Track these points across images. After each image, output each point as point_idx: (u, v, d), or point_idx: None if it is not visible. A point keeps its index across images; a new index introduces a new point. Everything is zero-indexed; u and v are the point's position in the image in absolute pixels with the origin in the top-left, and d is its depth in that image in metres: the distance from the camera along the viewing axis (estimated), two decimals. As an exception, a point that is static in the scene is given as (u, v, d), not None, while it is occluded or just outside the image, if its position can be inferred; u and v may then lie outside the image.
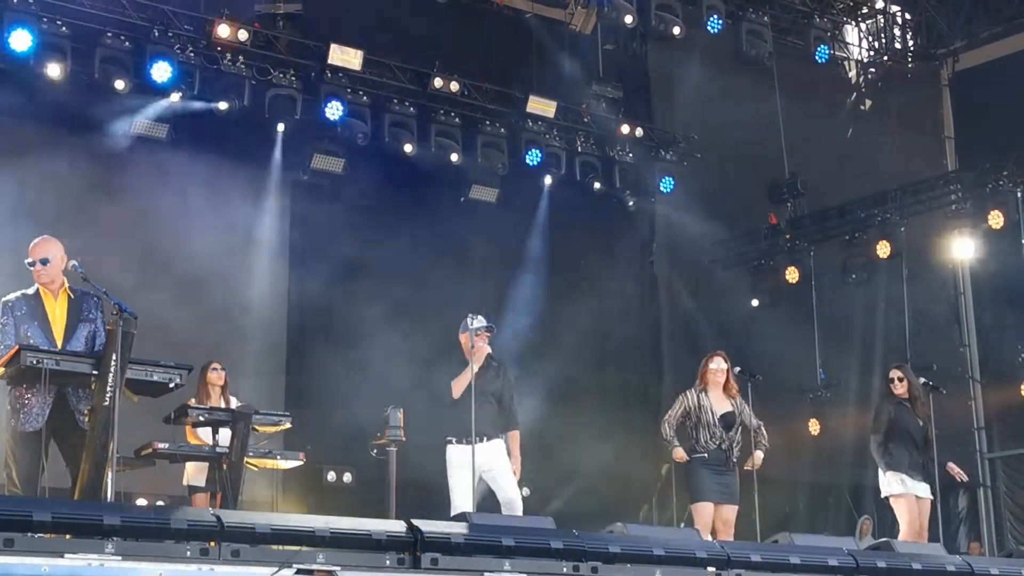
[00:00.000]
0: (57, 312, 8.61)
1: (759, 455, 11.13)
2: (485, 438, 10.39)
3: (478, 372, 10.40)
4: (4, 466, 8.46)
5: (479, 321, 10.66)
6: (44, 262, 8.59)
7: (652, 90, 19.65)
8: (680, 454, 10.95)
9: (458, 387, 10.44)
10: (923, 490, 11.73)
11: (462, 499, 10.32)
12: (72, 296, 8.70)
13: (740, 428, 11.07)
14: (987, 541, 18.51)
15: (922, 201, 18.91)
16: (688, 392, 11.11)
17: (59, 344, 8.49)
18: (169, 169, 15.68)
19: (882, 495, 11.86)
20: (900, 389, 11.88)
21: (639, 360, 19.56)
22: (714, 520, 10.88)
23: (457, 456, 10.41)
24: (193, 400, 11.37)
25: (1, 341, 8.48)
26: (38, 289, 8.66)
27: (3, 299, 8.64)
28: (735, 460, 11.01)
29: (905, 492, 11.68)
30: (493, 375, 10.64)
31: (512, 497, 10.42)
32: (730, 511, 10.92)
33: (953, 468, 12.13)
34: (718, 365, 11.15)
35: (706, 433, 10.91)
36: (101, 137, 15.26)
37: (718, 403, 11.05)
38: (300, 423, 11.71)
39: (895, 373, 11.97)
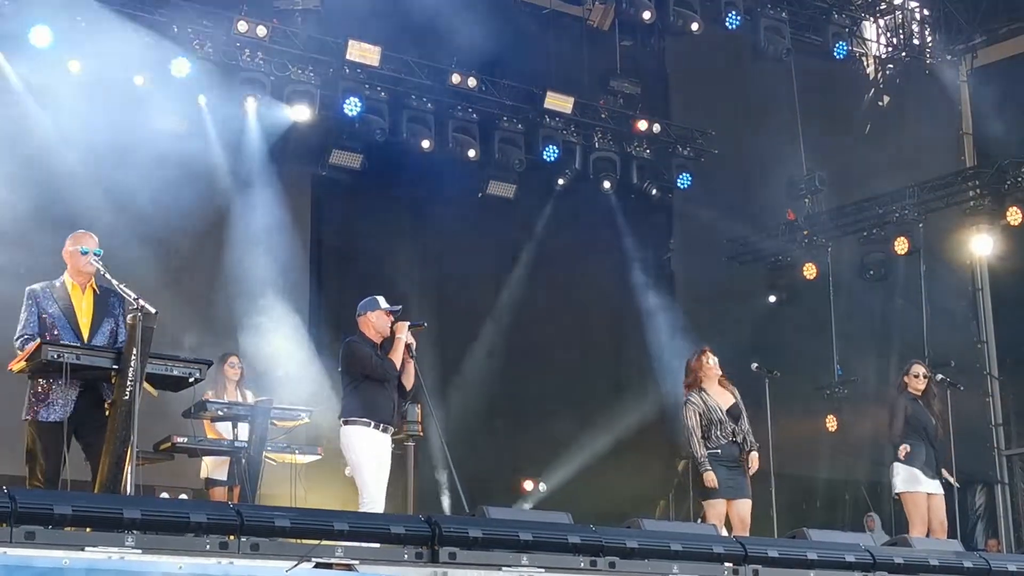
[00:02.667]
0: (84, 306, 8.65)
1: (754, 456, 11.00)
2: (390, 429, 9.62)
3: (394, 357, 9.59)
4: (26, 459, 8.50)
5: (384, 302, 9.76)
6: (97, 253, 8.64)
7: (670, 86, 19.65)
8: (711, 479, 10.64)
9: (398, 359, 9.57)
10: (935, 487, 11.72)
11: (378, 490, 9.51)
12: (98, 291, 8.75)
13: (745, 420, 11.00)
14: (1005, 538, 18.48)
15: (940, 197, 18.87)
16: (691, 397, 10.88)
17: (85, 338, 8.53)
18: (186, 164, 15.74)
19: (894, 491, 11.84)
20: (920, 385, 11.86)
21: (655, 356, 19.57)
22: (731, 516, 10.85)
23: (369, 443, 9.47)
24: (210, 393, 11.41)
25: (23, 329, 8.52)
26: (64, 281, 8.71)
27: (28, 287, 8.68)
28: (746, 453, 10.92)
29: (916, 490, 11.67)
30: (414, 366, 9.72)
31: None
32: (745, 506, 10.83)
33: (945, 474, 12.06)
34: (711, 359, 11.01)
35: (717, 430, 10.82)
36: (121, 132, 15.31)
37: (720, 397, 10.92)
38: (318, 418, 11.75)
39: (920, 369, 11.92)
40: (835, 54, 18.88)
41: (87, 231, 8.82)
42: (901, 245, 18.52)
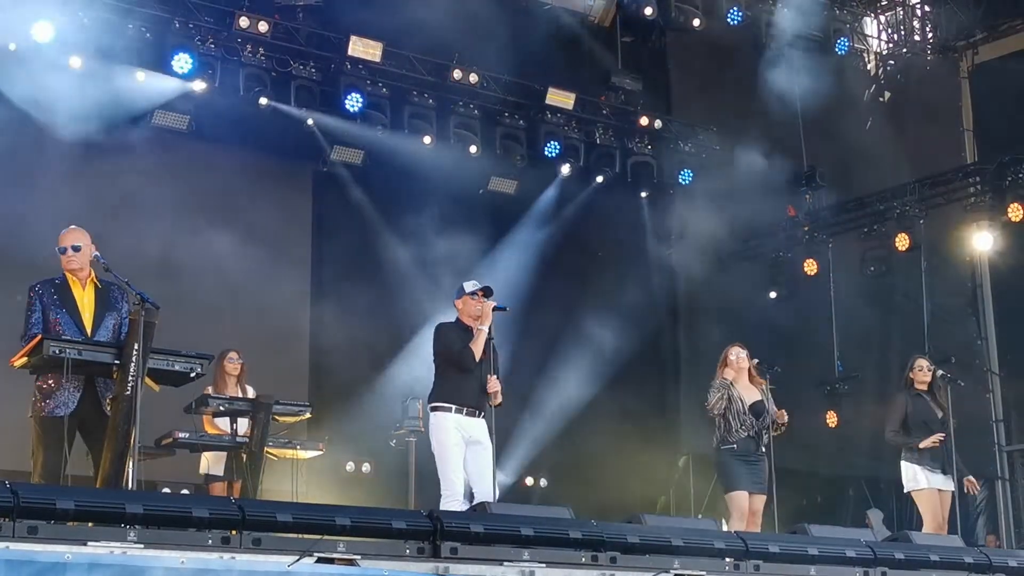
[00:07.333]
0: (86, 300, 8.68)
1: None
2: (479, 413, 9.60)
3: (474, 347, 9.60)
4: (31, 454, 8.52)
5: (474, 284, 9.88)
6: (76, 248, 8.66)
7: (671, 82, 19.64)
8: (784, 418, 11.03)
9: (478, 350, 9.60)
10: (943, 483, 11.73)
11: (458, 480, 9.44)
12: (99, 286, 8.77)
13: (767, 417, 11.07)
14: (1005, 534, 18.46)
15: (941, 194, 18.85)
16: (719, 382, 11.12)
17: (88, 332, 8.55)
18: (189, 159, 15.75)
19: (904, 489, 11.86)
20: (925, 378, 11.87)
21: (657, 351, 19.59)
22: (743, 509, 10.92)
23: (453, 428, 9.50)
24: (210, 389, 11.42)
25: (29, 327, 8.54)
26: (65, 277, 8.72)
27: (30, 284, 8.70)
28: (764, 449, 11.02)
29: (921, 487, 11.69)
30: (490, 347, 9.74)
31: (488, 491, 9.47)
32: (760, 501, 10.94)
33: (971, 482, 12.09)
34: (737, 355, 11.18)
35: (737, 422, 10.93)
36: (121, 129, 15.32)
37: (747, 392, 11.10)
38: (320, 413, 11.76)
39: (923, 363, 11.95)
40: (836, 50, 18.86)
41: (75, 227, 8.83)
42: (902, 241, 18.49)
